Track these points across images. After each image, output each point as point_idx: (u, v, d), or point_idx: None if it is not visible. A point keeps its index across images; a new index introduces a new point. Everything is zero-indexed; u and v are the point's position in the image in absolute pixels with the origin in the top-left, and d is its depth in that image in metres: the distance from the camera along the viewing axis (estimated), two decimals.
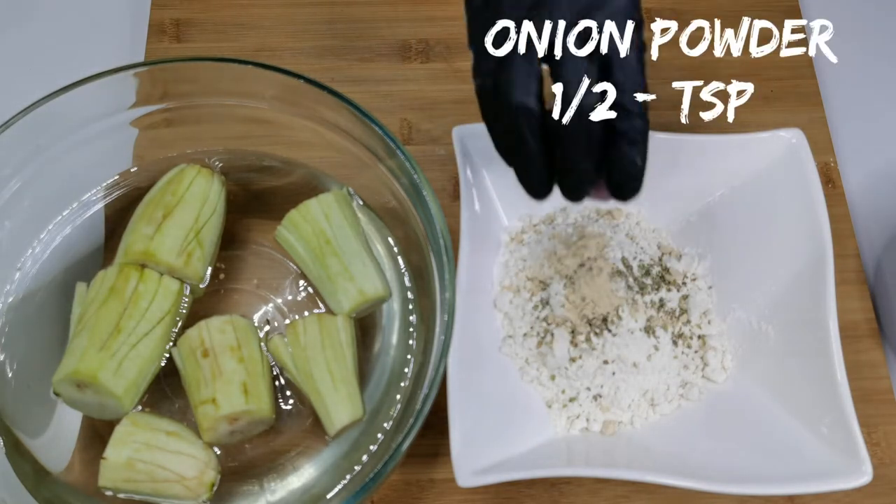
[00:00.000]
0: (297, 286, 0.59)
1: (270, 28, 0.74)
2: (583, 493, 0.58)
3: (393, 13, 0.75)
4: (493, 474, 0.50)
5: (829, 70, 0.75)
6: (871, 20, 0.77)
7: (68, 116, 0.57)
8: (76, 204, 0.60)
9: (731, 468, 0.52)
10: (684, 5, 0.75)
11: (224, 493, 0.53)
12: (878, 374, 0.62)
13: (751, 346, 0.59)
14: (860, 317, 0.64)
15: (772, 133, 0.60)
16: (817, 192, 0.58)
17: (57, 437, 0.55)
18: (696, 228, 0.63)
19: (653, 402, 0.57)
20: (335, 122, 0.58)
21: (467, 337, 0.54)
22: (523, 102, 0.43)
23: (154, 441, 0.52)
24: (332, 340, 0.55)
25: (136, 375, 0.53)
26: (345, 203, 0.60)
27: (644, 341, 0.57)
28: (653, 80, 0.72)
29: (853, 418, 0.52)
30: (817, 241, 0.57)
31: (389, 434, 0.54)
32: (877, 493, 0.58)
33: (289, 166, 0.62)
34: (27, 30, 0.74)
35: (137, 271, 0.55)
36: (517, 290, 0.60)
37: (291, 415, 0.55)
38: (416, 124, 0.70)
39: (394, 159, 0.56)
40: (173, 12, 0.74)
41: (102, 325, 0.53)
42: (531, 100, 0.43)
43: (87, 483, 0.53)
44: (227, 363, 0.53)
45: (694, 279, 0.61)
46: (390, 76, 0.72)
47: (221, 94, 0.59)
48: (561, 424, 0.57)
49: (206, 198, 0.58)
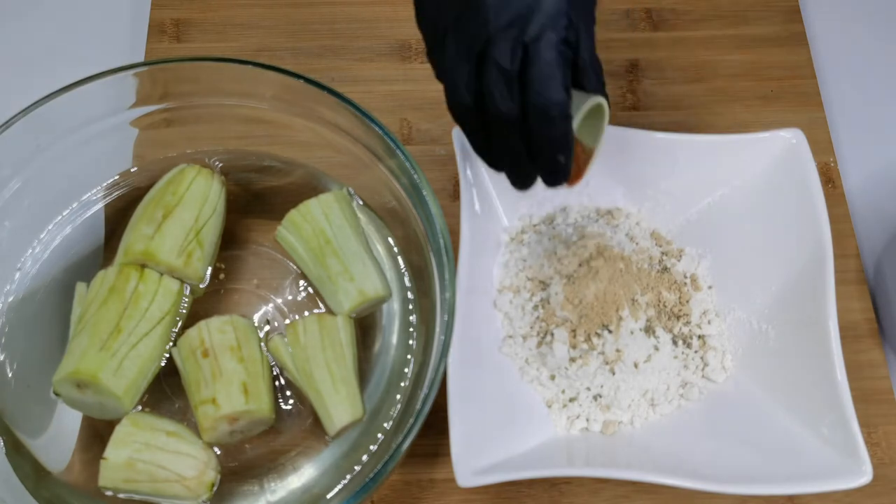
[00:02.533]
0: (297, 286, 0.59)
1: (270, 28, 0.74)
2: (583, 493, 0.58)
3: (393, 13, 0.75)
4: (493, 474, 0.50)
5: (829, 70, 0.75)
6: (870, 20, 0.77)
7: (68, 116, 0.57)
8: (76, 204, 0.60)
9: (731, 468, 0.52)
10: (684, 5, 0.75)
11: (224, 493, 0.53)
12: (878, 374, 0.62)
13: (751, 346, 0.59)
14: (860, 317, 0.64)
15: (772, 133, 0.60)
16: (817, 192, 0.58)
17: (57, 437, 0.55)
18: (696, 228, 0.63)
19: (653, 402, 0.57)
20: (335, 122, 0.58)
21: (467, 337, 0.54)
22: (459, 102, 0.47)
23: (154, 441, 0.52)
24: (332, 340, 0.55)
25: (136, 375, 0.53)
26: (345, 203, 0.60)
27: (644, 341, 0.57)
28: (653, 80, 0.73)
29: (853, 418, 0.52)
30: (817, 241, 0.57)
31: (389, 434, 0.54)
32: (877, 493, 0.58)
33: (289, 166, 0.62)
34: (27, 30, 0.74)
35: (137, 271, 0.55)
36: (517, 290, 0.60)
37: (291, 415, 0.55)
38: (416, 124, 0.70)
39: (394, 159, 0.56)
40: (173, 12, 0.74)
41: (102, 325, 0.53)
42: (467, 100, 0.47)
43: (87, 483, 0.53)
44: (227, 363, 0.53)
45: (694, 279, 0.61)
46: (390, 76, 0.72)
47: (221, 94, 0.59)
48: (561, 424, 0.57)
49: (206, 198, 0.58)
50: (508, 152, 0.48)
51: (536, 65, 0.45)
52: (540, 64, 0.44)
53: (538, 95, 0.45)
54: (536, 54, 0.45)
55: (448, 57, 0.46)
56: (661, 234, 0.63)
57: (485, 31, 0.45)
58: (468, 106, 0.47)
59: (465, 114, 0.48)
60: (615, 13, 0.75)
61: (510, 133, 0.47)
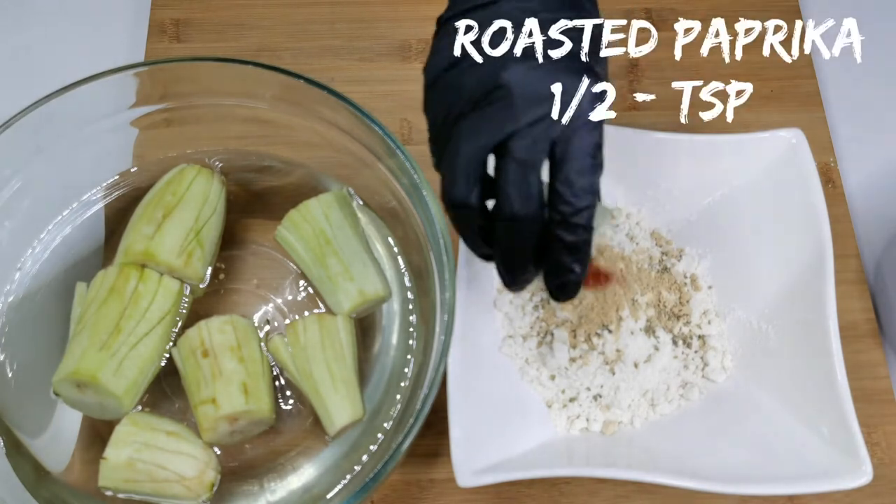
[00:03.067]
0: (297, 286, 0.59)
1: (270, 28, 0.74)
2: (583, 493, 0.58)
3: (393, 13, 0.75)
4: (493, 474, 0.50)
5: (829, 70, 0.75)
6: (870, 20, 0.77)
7: (68, 116, 0.57)
8: (76, 204, 0.60)
9: (731, 468, 0.52)
10: (684, 5, 0.75)
11: (224, 493, 0.53)
12: (878, 374, 0.62)
13: (751, 346, 0.59)
14: (860, 317, 0.64)
15: (772, 133, 0.60)
16: (817, 192, 0.58)
17: (57, 437, 0.55)
18: (696, 228, 0.63)
19: (653, 402, 0.57)
20: (335, 122, 0.58)
21: (467, 337, 0.54)
22: (457, 200, 0.42)
23: (154, 441, 0.52)
24: (332, 340, 0.55)
25: (136, 375, 0.53)
26: (345, 203, 0.60)
27: (644, 341, 0.57)
28: (653, 80, 0.73)
29: (853, 418, 0.52)
30: (817, 241, 0.57)
31: (389, 434, 0.54)
32: (877, 493, 0.58)
33: (289, 166, 0.62)
34: (27, 30, 0.74)
35: (137, 271, 0.55)
36: None
37: (291, 415, 0.55)
38: (416, 124, 0.70)
39: (394, 159, 0.56)
40: (173, 12, 0.74)
41: (102, 325, 0.53)
42: (468, 197, 0.42)
43: (87, 483, 0.53)
44: (227, 363, 0.53)
45: (694, 279, 0.61)
46: (390, 76, 0.72)
47: (221, 94, 0.59)
48: (561, 424, 0.57)
49: (206, 198, 0.58)
50: (513, 255, 0.43)
51: (566, 166, 0.40)
52: (570, 165, 0.40)
53: (562, 198, 0.40)
54: (569, 155, 0.40)
55: (458, 147, 0.41)
56: (661, 234, 0.63)
57: (510, 123, 0.40)
58: (472, 205, 0.42)
59: (466, 212, 0.42)
60: (615, 13, 0.75)
61: (521, 238, 0.42)
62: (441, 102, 0.43)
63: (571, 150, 0.40)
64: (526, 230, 0.42)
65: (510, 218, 0.41)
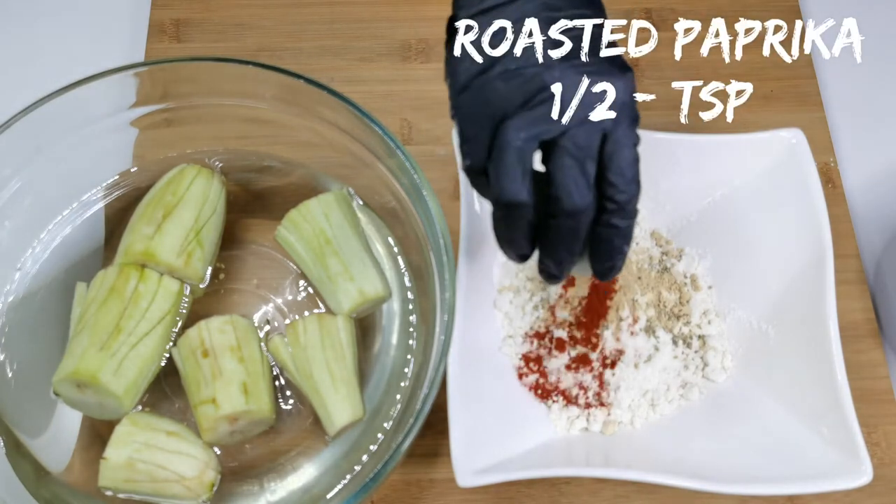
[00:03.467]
0: (297, 286, 0.59)
1: (270, 28, 0.74)
2: (583, 493, 0.58)
3: (393, 13, 0.75)
4: (493, 474, 0.50)
5: (829, 70, 0.75)
6: (870, 20, 0.77)
7: (68, 116, 0.57)
8: (76, 204, 0.60)
9: (731, 468, 0.52)
10: (684, 5, 0.75)
11: (224, 493, 0.53)
12: (878, 374, 0.62)
13: (751, 346, 0.59)
14: (860, 317, 0.64)
15: (772, 133, 0.60)
16: (817, 192, 0.58)
17: (57, 437, 0.55)
18: (696, 228, 0.63)
19: (653, 402, 0.57)
20: (335, 122, 0.58)
21: (467, 337, 0.54)
22: (514, 198, 0.42)
23: (154, 441, 0.52)
24: (332, 340, 0.55)
25: (136, 375, 0.53)
26: (345, 203, 0.60)
27: (644, 341, 0.57)
28: (653, 80, 0.73)
29: (853, 418, 0.52)
30: (817, 241, 0.57)
31: (389, 434, 0.54)
32: (877, 493, 0.58)
33: (289, 166, 0.62)
34: (27, 30, 0.74)
35: (137, 271, 0.55)
36: (517, 290, 0.60)
37: (291, 415, 0.55)
38: (416, 124, 0.70)
39: (394, 159, 0.56)
40: (173, 12, 0.74)
41: (102, 325, 0.53)
42: (523, 193, 0.42)
43: (87, 483, 0.53)
44: (227, 363, 0.53)
45: (694, 279, 0.61)
46: (390, 76, 0.72)
47: (221, 94, 0.59)
48: (561, 424, 0.57)
49: (206, 198, 0.58)
50: (569, 248, 0.45)
51: (617, 158, 0.42)
52: (622, 156, 0.42)
53: (618, 188, 0.42)
54: (618, 146, 0.42)
55: (507, 144, 0.42)
56: (661, 234, 0.63)
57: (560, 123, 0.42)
58: (527, 202, 0.42)
59: (521, 211, 0.43)
60: (615, 13, 0.75)
61: (578, 229, 0.43)
62: (477, 105, 0.44)
63: (621, 144, 0.42)
64: (583, 221, 0.43)
65: (570, 211, 0.42)
